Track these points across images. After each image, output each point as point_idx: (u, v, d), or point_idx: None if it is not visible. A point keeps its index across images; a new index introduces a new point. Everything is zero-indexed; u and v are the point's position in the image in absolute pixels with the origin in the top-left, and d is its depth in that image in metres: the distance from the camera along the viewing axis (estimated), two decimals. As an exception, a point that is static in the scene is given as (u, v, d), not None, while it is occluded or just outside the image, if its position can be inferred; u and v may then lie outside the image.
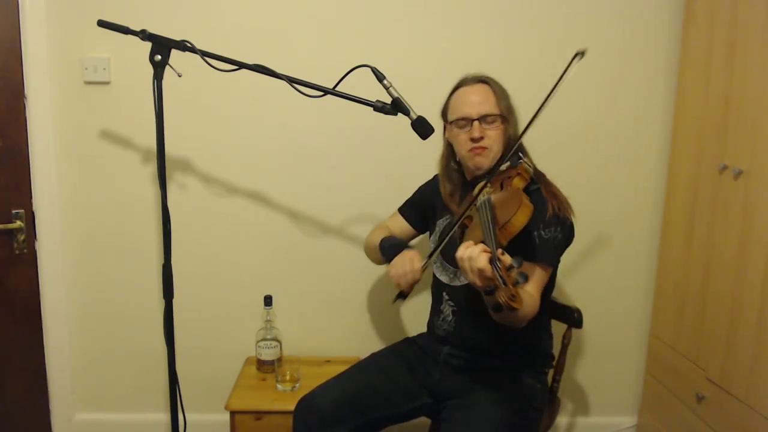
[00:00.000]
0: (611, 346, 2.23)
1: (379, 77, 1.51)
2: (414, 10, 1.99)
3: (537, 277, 1.43)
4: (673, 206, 2.01)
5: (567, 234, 1.49)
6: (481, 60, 2.00)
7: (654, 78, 2.06)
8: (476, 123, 1.50)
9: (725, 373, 1.69)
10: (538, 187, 1.50)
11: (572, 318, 1.73)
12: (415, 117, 1.52)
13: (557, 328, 1.73)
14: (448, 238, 1.46)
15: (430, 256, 1.52)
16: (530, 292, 1.38)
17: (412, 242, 1.83)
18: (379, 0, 1.98)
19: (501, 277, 1.07)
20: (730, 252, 1.68)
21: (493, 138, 1.51)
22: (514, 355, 1.58)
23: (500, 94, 1.54)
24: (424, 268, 1.50)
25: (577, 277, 2.16)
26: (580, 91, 2.04)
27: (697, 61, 1.87)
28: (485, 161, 1.53)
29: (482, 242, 1.18)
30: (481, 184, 1.46)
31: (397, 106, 1.52)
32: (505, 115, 1.52)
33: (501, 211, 1.31)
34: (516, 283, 1.07)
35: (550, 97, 1.36)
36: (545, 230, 1.44)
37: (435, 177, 1.77)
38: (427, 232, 1.81)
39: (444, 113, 1.63)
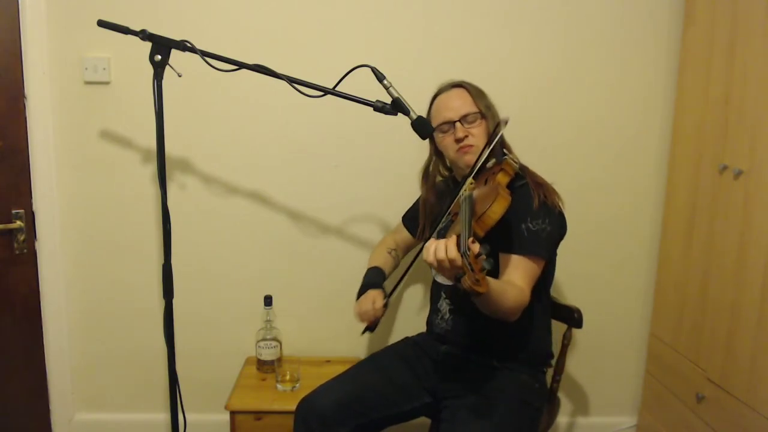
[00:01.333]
0: (611, 346, 2.23)
1: (379, 77, 1.51)
2: (414, 10, 1.99)
3: (526, 269, 1.43)
4: (673, 206, 2.01)
5: (557, 224, 1.51)
6: (480, 60, 2.01)
7: (654, 78, 2.06)
8: (458, 124, 1.55)
9: (725, 373, 1.69)
10: (525, 181, 1.50)
11: (572, 318, 1.73)
12: (414, 117, 1.52)
13: (557, 328, 1.73)
14: (434, 234, 1.48)
15: (390, 295, 1.63)
16: (518, 284, 1.39)
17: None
18: (379, 0, 1.98)
19: (469, 264, 1.09)
20: (730, 252, 1.68)
21: (477, 135, 1.56)
22: (511, 353, 1.58)
23: (476, 94, 1.60)
24: (385, 306, 1.62)
25: (577, 277, 2.16)
26: (581, 91, 2.05)
27: (697, 61, 1.87)
28: (474, 158, 1.54)
29: (459, 235, 1.19)
30: (468, 181, 1.48)
31: (397, 106, 1.52)
32: (484, 112, 1.57)
33: (480, 204, 1.33)
34: (482, 270, 1.09)
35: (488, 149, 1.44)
36: (533, 222, 1.45)
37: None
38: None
39: None
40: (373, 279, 1.73)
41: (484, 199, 1.34)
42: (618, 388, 2.26)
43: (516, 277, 1.41)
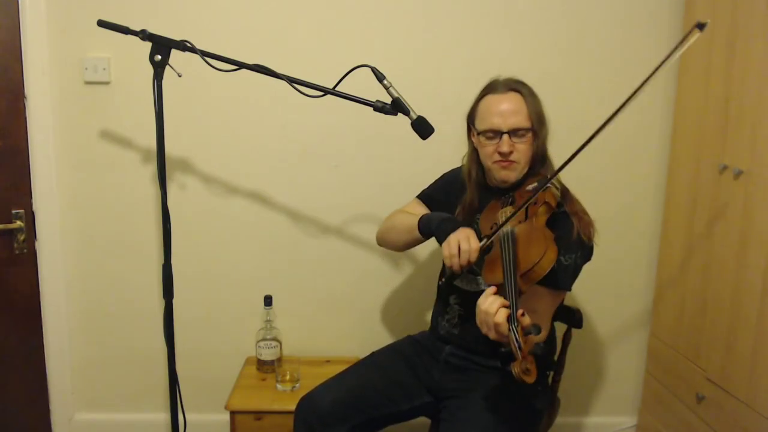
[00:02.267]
0: (611, 346, 2.23)
1: (379, 77, 1.51)
2: (414, 9, 1.99)
3: (550, 301, 1.42)
4: (673, 206, 2.01)
5: (586, 256, 1.47)
6: (480, 60, 2.01)
7: (654, 78, 2.05)
8: (506, 137, 1.44)
9: (725, 373, 1.69)
10: (564, 209, 1.44)
11: (572, 318, 1.73)
12: (415, 117, 1.52)
13: (557, 328, 1.73)
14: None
15: (489, 237, 1.39)
16: (541, 319, 1.36)
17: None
18: (379, 0, 1.98)
19: (517, 342, 1.04)
20: (730, 252, 1.68)
21: (522, 151, 1.46)
22: None
23: (532, 103, 1.47)
24: (483, 249, 1.37)
25: (578, 277, 2.15)
26: (581, 90, 2.04)
27: (697, 61, 1.87)
28: (512, 175, 1.48)
29: (501, 285, 1.17)
30: (507, 209, 1.42)
31: (397, 106, 1.52)
32: (536, 128, 1.46)
33: (524, 250, 1.25)
34: (531, 353, 1.04)
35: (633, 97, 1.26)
36: (565, 256, 1.40)
37: (460, 168, 1.68)
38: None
39: (471, 118, 1.55)
40: (451, 216, 1.52)
41: (529, 244, 1.26)
42: (618, 388, 2.26)
43: (540, 309, 1.38)
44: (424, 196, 1.75)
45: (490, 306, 1.13)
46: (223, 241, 2.10)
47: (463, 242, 1.36)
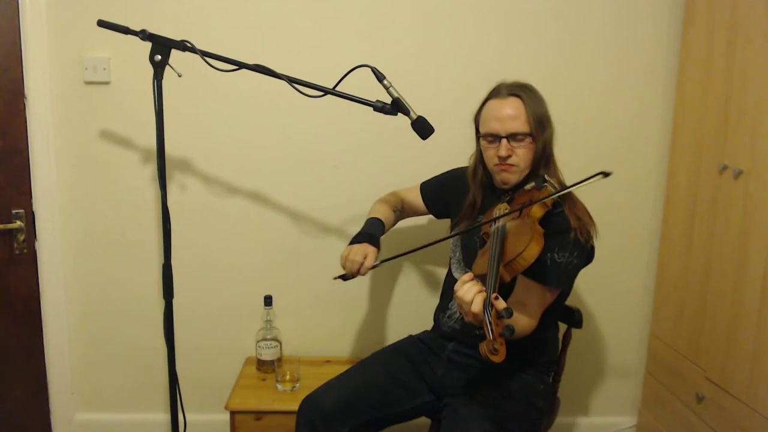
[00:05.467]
0: (611, 346, 2.23)
1: (379, 77, 1.51)
2: (414, 9, 1.99)
3: (541, 297, 1.42)
4: (673, 206, 2.01)
5: (585, 258, 1.48)
6: (480, 60, 2.01)
7: (654, 78, 2.06)
8: (504, 141, 1.46)
9: (725, 373, 1.69)
10: (562, 209, 1.45)
11: (572, 318, 1.73)
12: (414, 117, 1.52)
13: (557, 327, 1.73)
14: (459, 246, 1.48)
15: (383, 261, 1.55)
16: (529, 312, 1.38)
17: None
18: (379, 0, 1.99)
19: (489, 325, 1.08)
20: (730, 252, 1.68)
21: (522, 156, 1.48)
22: (518, 355, 1.57)
23: (532, 107, 1.47)
24: (372, 267, 1.54)
25: (578, 277, 2.15)
26: (581, 90, 2.05)
27: (697, 61, 1.87)
28: (512, 177, 1.50)
29: (484, 275, 1.20)
30: (502, 205, 1.46)
31: (397, 106, 1.52)
32: (535, 133, 1.47)
33: (511, 243, 1.28)
34: (501, 335, 1.08)
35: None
36: (560, 254, 1.41)
37: (466, 167, 1.71)
38: (434, 215, 1.83)
39: (476, 120, 1.58)
40: (375, 233, 1.65)
41: (517, 237, 1.29)
42: (618, 388, 2.26)
43: (529, 302, 1.40)
44: (424, 187, 1.83)
45: (466, 294, 1.16)
46: (223, 241, 2.10)
47: (359, 255, 1.53)
